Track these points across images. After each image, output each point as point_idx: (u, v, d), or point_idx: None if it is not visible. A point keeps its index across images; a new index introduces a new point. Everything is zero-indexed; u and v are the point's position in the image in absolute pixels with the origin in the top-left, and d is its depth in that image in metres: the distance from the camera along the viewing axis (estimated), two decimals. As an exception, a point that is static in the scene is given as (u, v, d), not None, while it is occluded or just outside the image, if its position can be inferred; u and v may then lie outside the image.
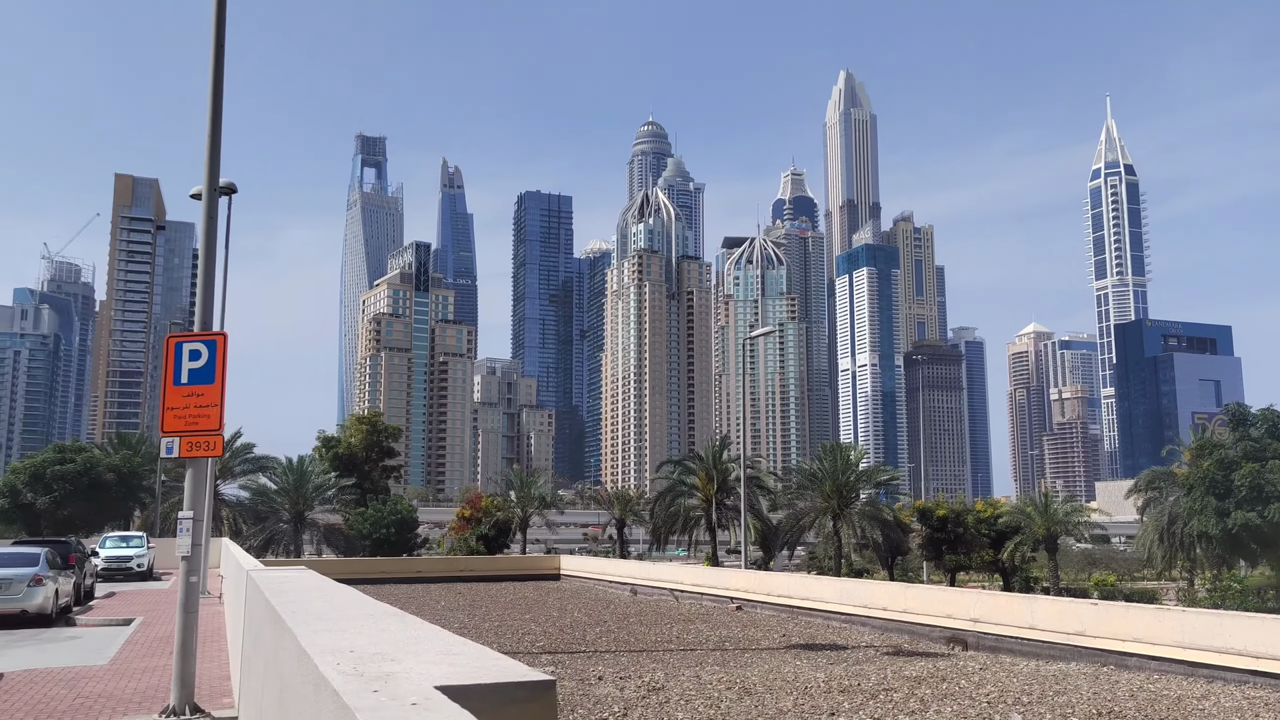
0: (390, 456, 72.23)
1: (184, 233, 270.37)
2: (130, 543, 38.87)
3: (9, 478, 60.09)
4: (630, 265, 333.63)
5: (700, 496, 56.13)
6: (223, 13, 11.00)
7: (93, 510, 58.65)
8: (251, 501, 62.47)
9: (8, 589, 20.40)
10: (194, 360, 10.49)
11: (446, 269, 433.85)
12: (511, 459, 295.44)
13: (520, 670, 2.86)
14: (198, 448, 10.44)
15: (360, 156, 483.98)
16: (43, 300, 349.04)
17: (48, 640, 18.15)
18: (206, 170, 10.99)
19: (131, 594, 30.58)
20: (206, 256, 11.14)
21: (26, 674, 13.58)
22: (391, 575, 43.41)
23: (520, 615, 29.06)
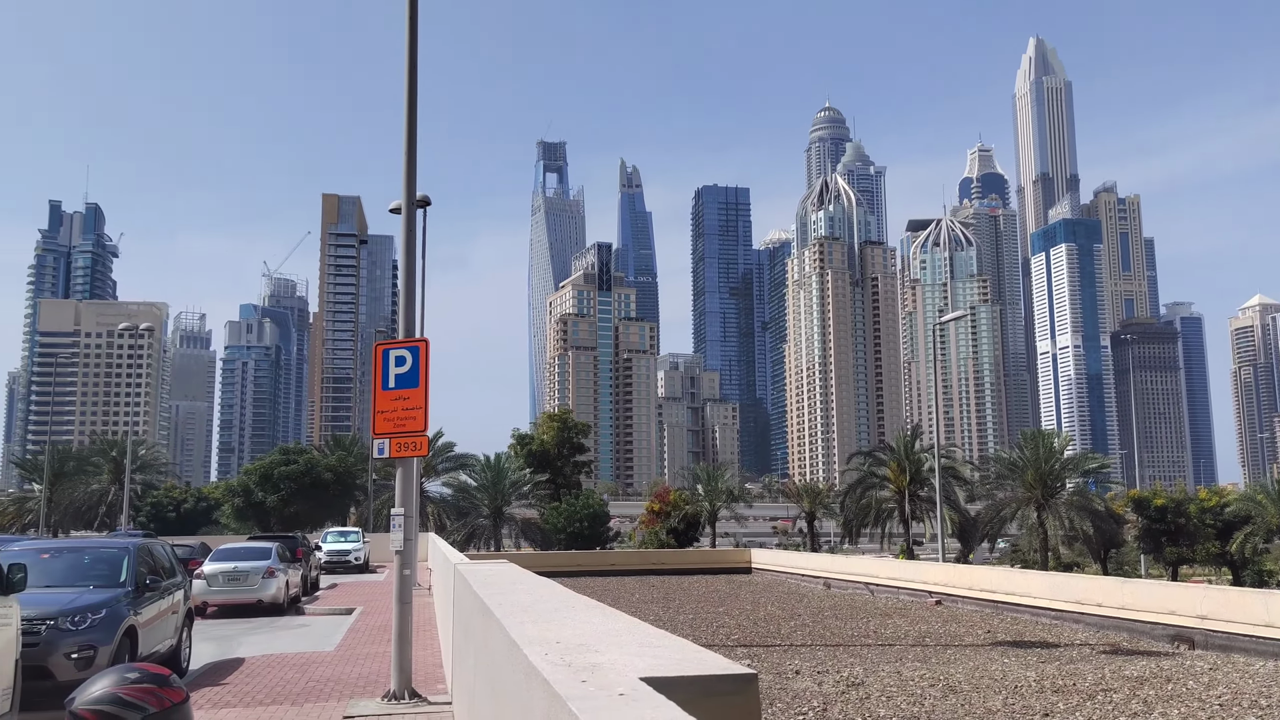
0: (581, 452, 74.14)
1: (384, 245, 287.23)
2: (348, 537, 41.60)
3: (242, 478, 65.65)
4: (811, 254, 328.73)
5: (892, 488, 54.68)
6: (414, 41, 11.59)
7: (314, 507, 63.18)
8: (454, 498, 65.67)
9: (245, 580, 22.29)
10: (399, 366, 11.11)
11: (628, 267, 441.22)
12: (697, 453, 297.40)
13: (722, 663, 2.87)
14: (405, 448, 11.05)
15: (542, 163, 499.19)
16: (264, 314, 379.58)
17: (280, 628, 19.69)
18: (404, 187, 11.61)
19: (351, 585, 32.76)
20: (407, 267, 11.78)
21: (265, 658, 14.81)
22: (586, 568, 44.56)
23: (714, 608, 29.19)
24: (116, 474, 68.75)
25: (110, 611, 10.85)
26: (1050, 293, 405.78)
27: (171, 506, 68.96)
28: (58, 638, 10.22)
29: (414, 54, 11.60)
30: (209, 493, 74.63)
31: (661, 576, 43.13)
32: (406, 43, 11.55)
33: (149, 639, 11.88)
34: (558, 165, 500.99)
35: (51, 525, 64.06)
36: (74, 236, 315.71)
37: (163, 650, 12.63)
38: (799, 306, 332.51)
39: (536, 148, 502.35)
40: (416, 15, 11.65)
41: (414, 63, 11.59)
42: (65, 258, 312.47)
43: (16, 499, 79.22)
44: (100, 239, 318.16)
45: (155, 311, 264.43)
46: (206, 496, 72.29)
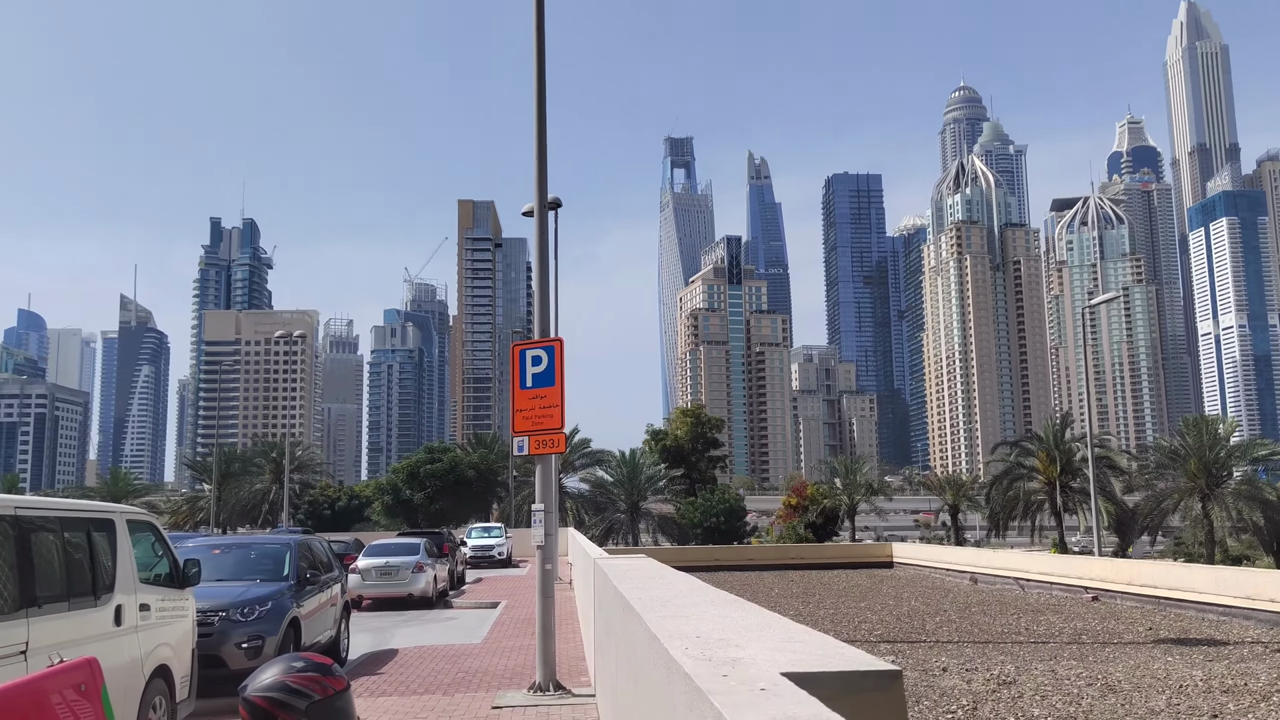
0: (715, 447, 74.08)
1: (519, 248, 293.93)
2: (492, 533, 42.77)
3: (390, 477, 68.38)
4: (948, 239, 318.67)
5: (1041, 479, 52.50)
6: (541, 48, 11.81)
7: (458, 504, 65.24)
8: (591, 493, 66.65)
9: (396, 575, 23.23)
10: (536, 365, 11.36)
11: (758, 260, 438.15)
12: (834, 446, 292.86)
13: (866, 659, 2.82)
14: (544, 445, 11.29)
15: (669, 159, 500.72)
16: (407, 319, 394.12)
17: (430, 620, 20.44)
18: (536, 191, 11.86)
19: (495, 579, 33.70)
20: (540, 269, 12.02)
21: (417, 650, 15.40)
22: (724, 563, 44.50)
23: (855, 603, 28.71)
24: (277, 474, 72.63)
25: (275, 604, 11.50)
26: (1211, 270, 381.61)
27: (327, 504, 72.37)
28: (229, 628, 10.90)
29: (541, 61, 11.82)
30: (360, 491, 78.01)
31: (800, 571, 42.67)
32: (535, 50, 11.78)
33: (311, 630, 12.53)
34: (685, 161, 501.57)
35: (220, 523, 68.16)
36: (233, 250, 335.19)
37: (323, 641, 13.30)
38: (937, 293, 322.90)
39: (664, 144, 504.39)
40: (543, 23, 11.87)
41: (542, 69, 11.82)
42: (225, 271, 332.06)
43: (189, 498, 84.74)
44: (256, 252, 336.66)
45: (307, 319, 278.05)
46: (358, 494, 75.56)
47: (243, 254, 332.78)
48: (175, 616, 8.85)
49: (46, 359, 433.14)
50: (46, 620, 6.55)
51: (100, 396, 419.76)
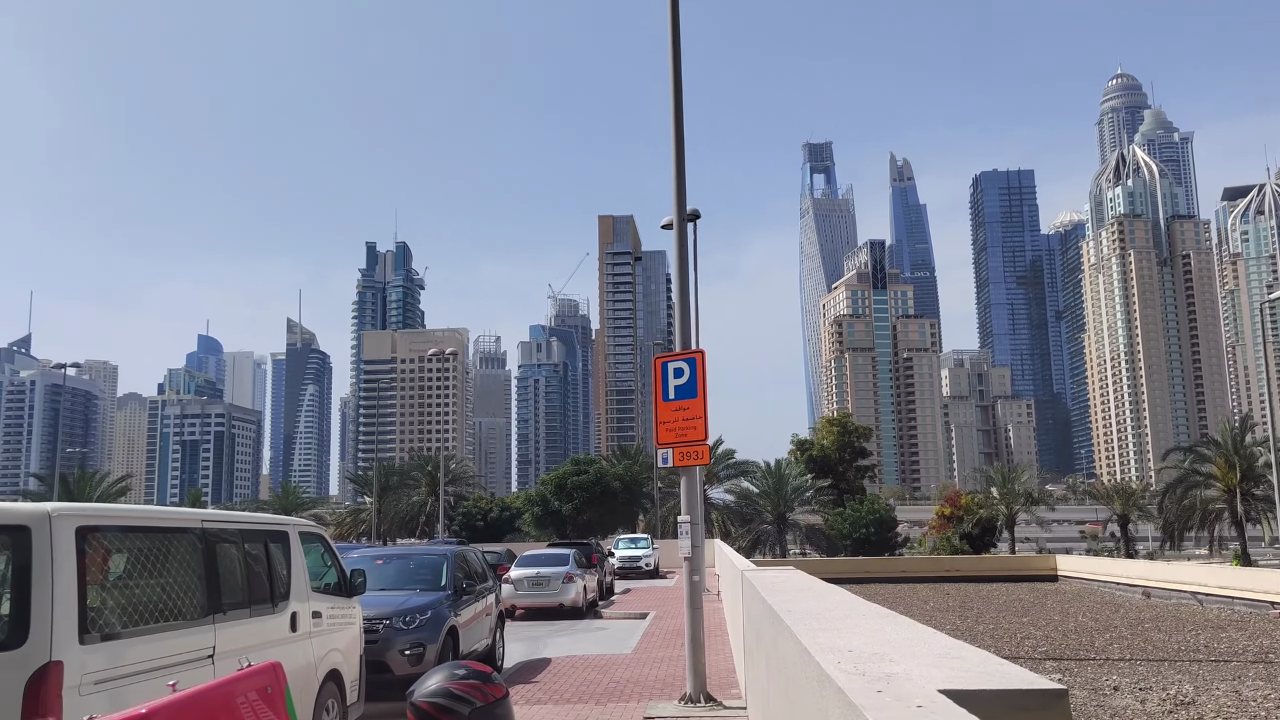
0: (863, 456, 72.59)
1: (658, 260, 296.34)
2: (638, 544, 43.12)
3: (539, 488, 69.92)
4: (1109, 234, 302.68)
5: (1219, 487, 49.13)
6: (678, 61, 11.91)
7: (605, 515, 66.11)
8: (736, 504, 66.36)
9: (546, 585, 23.72)
10: (678, 377, 11.43)
11: (903, 264, 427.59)
12: (988, 454, 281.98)
13: (1028, 677, 2.72)
14: (688, 457, 11.34)
15: (809, 164, 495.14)
16: (551, 334, 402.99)
17: (581, 630, 20.77)
18: (675, 204, 11.96)
19: (643, 590, 33.95)
20: (680, 281, 12.10)
21: (569, 659, 15.69)
22: (875, 575, 43.52)
23: (1016, 618, 27.55)
24: (432, 487, 75.41)
25: (435, 613, 11.94)
26: None
27: (479, 516, 74.61)
28: (393, 636, 11.38)
29: (678, 76, 11.93)
30: (511, 502, 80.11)
31: (956, 584, 41.27)
32: (670, 65, 11.90)
33: (468, 638, 12.95)
34: (824, 165, 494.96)
35: (381, 534, 71.26)
36: (388, 273, 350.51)
37: (480, 649, 13.72)
38: (1098, 292, 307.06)
39: (802, 150, 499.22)
40: (679, 37, 11.98)
41: (678, 85, 11.92)
42: (381, 293, 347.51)
43: (352, 511, 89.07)
44: (409, 274, 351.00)
45: (458, 337, 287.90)
46: (509, 506, 77.60)
47: (396, 276, 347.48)
48: (344, 624, 9.31)
49: (224, 380, 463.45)
50: (231, 626, 7.01)
51: (271, 414, 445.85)
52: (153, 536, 6.49)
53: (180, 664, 6.34)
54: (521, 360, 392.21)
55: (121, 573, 6.14)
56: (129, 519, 6.37)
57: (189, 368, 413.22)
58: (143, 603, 6.15)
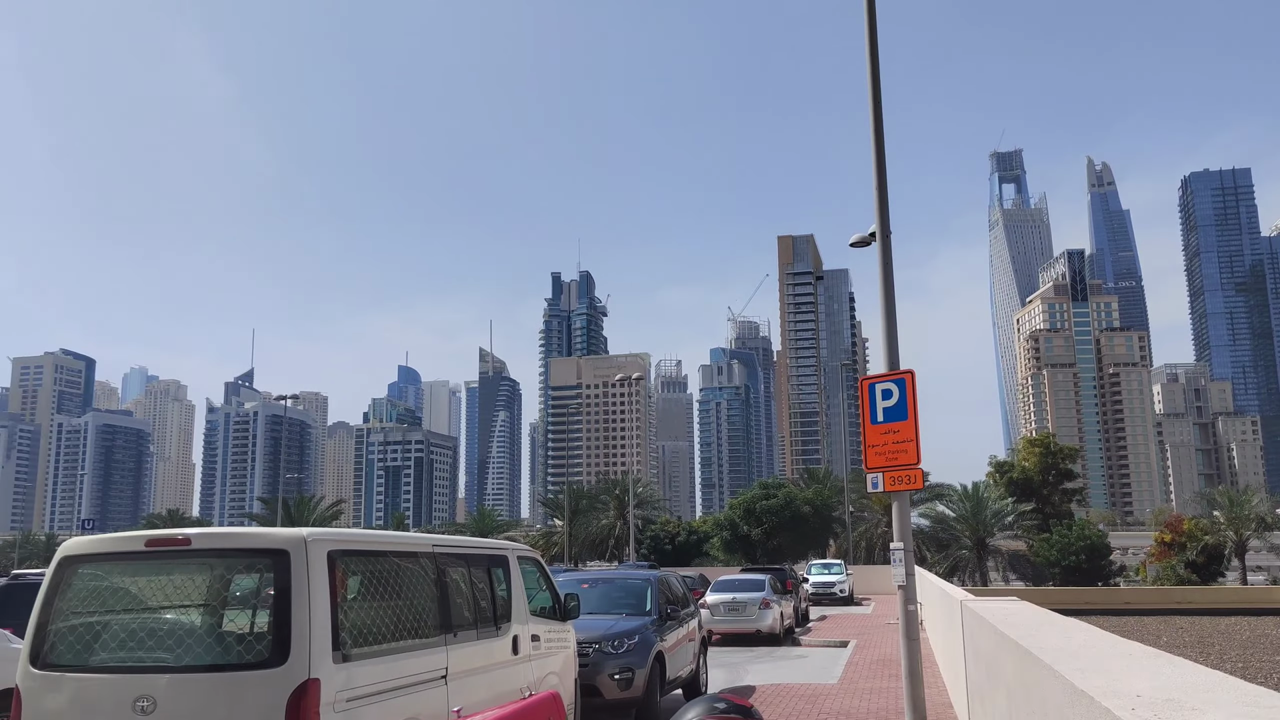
0: (1068, 479, 68.45)
1: (840, 280, 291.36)
2: (832, 569, 42.16)
3: (728, 513, 69.65)
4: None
5: None
6: (876, 77, 11.62)
7: (795, 540, 65.08)
8: (932, 529, 63.85)
9: (743, 611, 23.47)
10: (886, 399, 11.06)
11: (1105, 273, 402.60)
12: (1210, 475, 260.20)
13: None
14: (899, 481, 10.93)
15: (997, 174, 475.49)
16: (732, 356, 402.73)
17: (780, 658, 20.39)
18: (877, 219, 11.62)
19: (840, 617, 33.08)
20: (886, 299, 11.73)
21: (773, 687, 15.39)
22: (1095, 606, 40.73)
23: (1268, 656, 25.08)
24: (620, 510, 76.48)
25: (642, 638, 11.97)
26: None
27: (667, 539, 75.00)
28: (603, 660, 11.48)
29: (876, 87, 11.63)
30: (698, 526, 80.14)
31: (1187, 617, 38.07)
32: (869, 79, 11.61)
33: (674, 663, 12.92)
34: (1014, 175, 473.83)
35: (572, 556, 72.81)
36: (572, 302, 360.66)
37: (684, 675, 13.66)
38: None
39: (990, 160, 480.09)
40: (876, 51, 11.69)
41: (877, 96, 11.61)
42: (566, 321, 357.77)
43: (544, 533, 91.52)
44: (592, 301, 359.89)
45: (640, 362, 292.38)
46: (696, 530, 77.65)
47: (580, 304, 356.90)
48: (560, 647, 9.46)
49: (422, 408, 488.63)
50: (461, 648, 7.22)
51: (465, 440, 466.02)
52: (391, 560, 6.78)
53: (417, 684, 6.57)
54: (702, 383, 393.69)
55: (364, 595, 6.44)
56: (371, 543, 6.68)
57: (391, 397, 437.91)
58: (383, 624, 6.42)
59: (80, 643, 5.92)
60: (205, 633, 5.83)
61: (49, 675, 5.86)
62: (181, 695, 5.57)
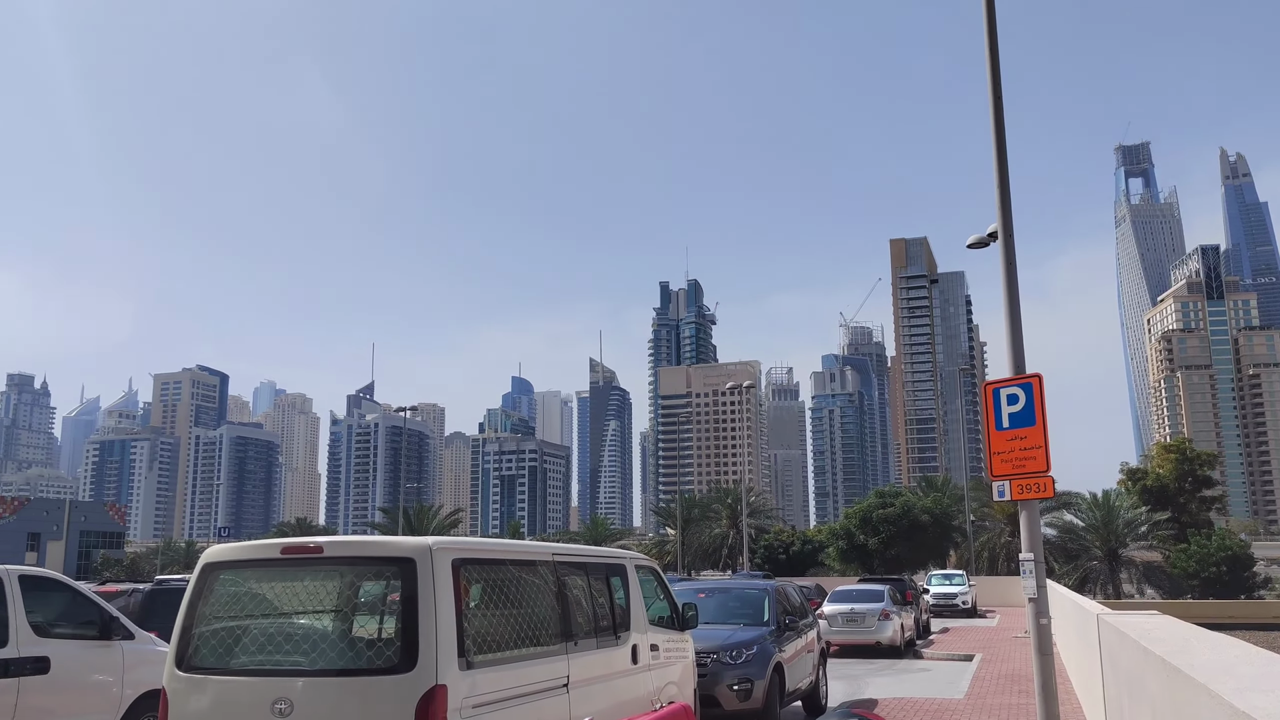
0: (1207, 486, 64.89)
1: (955, 282, 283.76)
2: (953, 580, 40.96)
3: (843, 521, 68.41)
4: None
5: None
6: (996, 73, 11.26)
7: (913, 549, 63.47)
8: (1059, 539, 61.42)
9: (862, 622, 22.99)
10: (1012, 404, 10.66)
11: (1242, 269, 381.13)
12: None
13: None
14: (1028, 490, 10.51)
15: (1123, 169, 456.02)
16: (845, 363, 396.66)
17: (902, 671, 19.88)
18: (999, 219, 11.23)
19: (963, 630, 32.09)
20: (1010, 300, 11.32)
21: (897, 701, 15.00)
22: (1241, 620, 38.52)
23: None
24: (733, 519, 76.04)
25: (760, 649, 11.83)
26: None
27: (781, 548, 74.16)
28: (721, 670, 11.39)
29: (997, 84, 11.26)
30: (812, 535, 78.97)
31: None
32: (989, 75, 11.26)
33: (793, 675, 12.72)
34: (1141, 169, 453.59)
35: (685, 565, 72.73)
36: (680, 310, 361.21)
37: (803, 687, 13.43)
38: None
39: (1114, 154, 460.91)
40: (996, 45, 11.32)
41: (997, 92, 11.24)
42: (674, 329, 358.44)
43: (656, 542, 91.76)
44: (700, 310, 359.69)
45: (750, 369, 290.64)
46: (810, 539, 76.52)
47: (689, 313, 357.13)
48: (678, 657, 9.41)
49: (535, 418, 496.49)
50: (581, 656, 7.25)
51: (577, 449, 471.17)
52: (512, 568, 6.86)
53: (539, 692, 6.62)
54: (814, 391, 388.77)
55: (487, 603, 6.52)
56: (493, 552, 6.78)
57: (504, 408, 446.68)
58: (506, 632, 6.49)
59: (222, 646, 6.16)
60: (337, 638, 6.00)
61: (193, 677, 6.12)
62: (316, 698, 5.74)
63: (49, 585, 9.24)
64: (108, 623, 9.51)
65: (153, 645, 9.77)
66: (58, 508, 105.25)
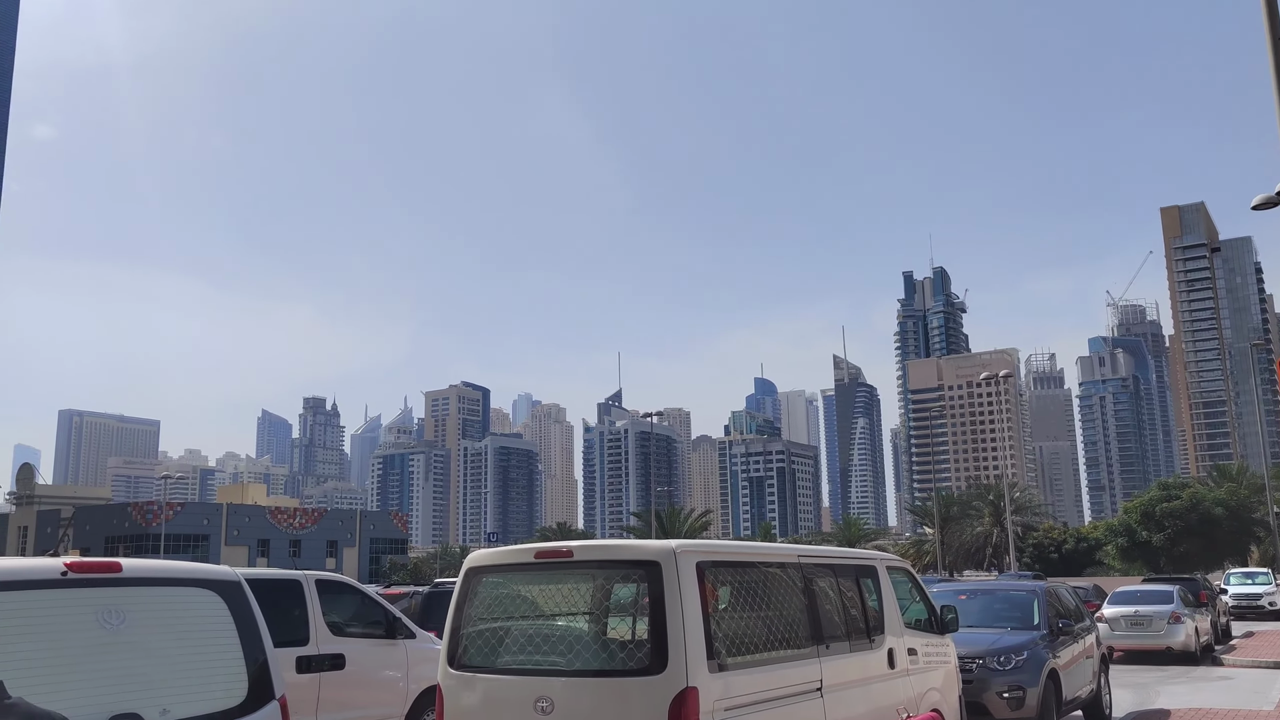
0: None
1: (1241, 249, 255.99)
2: (1256, 579, 37.02)
3: (1122, 517, 63.30)
4: None
5: None
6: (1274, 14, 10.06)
7: (1205, 546, 57.83)
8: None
9: (1148, 625, 21.14)
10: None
11: None
12: None
13: None
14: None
15: None
16: (1115, 345, 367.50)
17: (1198, 679, 18.11)
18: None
19: (1269, 634, 28.78)
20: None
21: (1192, 712, 13.65)
22: None
23: None
24: (996, 516, 72.27)
25: (1031, 654, 11.12)
26: None
27: (1052, 547, 69.68)
28: (989, 676, 10.81)
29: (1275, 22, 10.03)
30: (1087, 532, 73.57)
31: None
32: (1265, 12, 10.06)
33: (1070, 683, 11.87)
34: None
35: (945, 565, 69.87)
36: (926, 300, 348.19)
37: (1083, 695, 12.51)
38: None
39: None
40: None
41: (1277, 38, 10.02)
42: (921, 321, 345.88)
43: (914, 542, 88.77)
44: (949, 298, 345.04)
45: (1006, 358, 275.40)
46: (1085, 536, 71.34)
47: (936, 302, 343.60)
48: (939, 662, 9.01)
49: (780, 419, 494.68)
50: (834, 660, 7.09)
51: (825, 449, 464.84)
52: (757, 570, 6.82)
53: (792, 696, 6.53)
54: (1082, 377, 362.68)
55: (735, 605, 6.52)
56: (736, 554, 6.77)
57: (749, 409, 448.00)
58: (753, 634, 6.46)
59: (487, 646, 6.53)
60: (592, 639, 6.21)
61: (463, 675, 6.52)
62: (575, 698, 5.95)
63: (341, 588, 10.17)
64: (392, 623, 10.33)
65: (432, 644, 10.50)
66: (350, 517, 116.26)
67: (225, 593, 4.86)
